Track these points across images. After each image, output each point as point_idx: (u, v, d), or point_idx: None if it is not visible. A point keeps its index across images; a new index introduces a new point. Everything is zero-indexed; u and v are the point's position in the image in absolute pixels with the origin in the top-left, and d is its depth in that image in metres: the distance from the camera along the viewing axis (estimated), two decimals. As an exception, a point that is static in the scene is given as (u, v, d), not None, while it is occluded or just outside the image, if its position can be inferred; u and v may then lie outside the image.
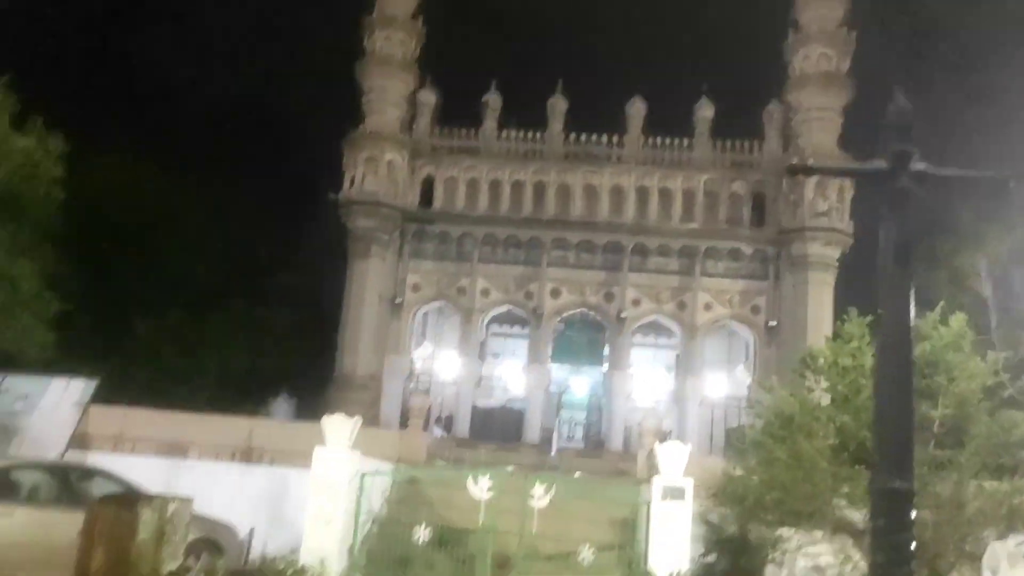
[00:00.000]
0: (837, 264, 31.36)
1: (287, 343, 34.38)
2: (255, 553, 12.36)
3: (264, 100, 42.17)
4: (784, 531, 10.60)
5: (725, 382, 32.02)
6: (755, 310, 32.13)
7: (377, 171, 33.08)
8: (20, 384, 15.43)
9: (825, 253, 31.11)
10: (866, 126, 32.85)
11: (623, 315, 32.24)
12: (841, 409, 11.27)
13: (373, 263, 33.31)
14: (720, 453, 25.06)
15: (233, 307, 33.48)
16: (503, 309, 33.83)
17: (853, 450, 10.82)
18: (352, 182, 33.27)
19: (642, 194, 33.27)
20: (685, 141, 33.90)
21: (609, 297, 32.79)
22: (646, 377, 33.38)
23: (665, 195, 33.25)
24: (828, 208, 31.08)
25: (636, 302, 32.69)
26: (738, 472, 11.42)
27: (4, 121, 21.69)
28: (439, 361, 33.86)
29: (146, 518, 7.22)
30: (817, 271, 30.91)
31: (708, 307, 32.55)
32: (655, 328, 33.96)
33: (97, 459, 13.63)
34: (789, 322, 30.94)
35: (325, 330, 34.38)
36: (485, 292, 33.43)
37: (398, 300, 33.47)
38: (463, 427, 32.21)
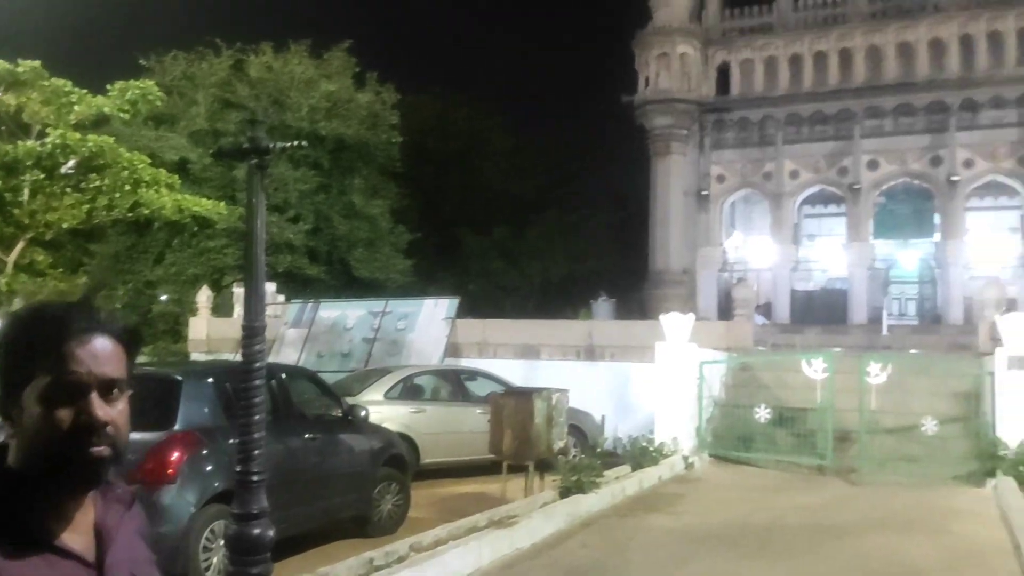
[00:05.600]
0: None
1: (601, 246, 36.35)
2: (608, 436, 14.04)
3: (553, 21, 43.36)
4: None
5: (1085, 240, 28.58)
6: (1121, 155, 28.10)
7: (670, 66, 33.11)
8: (400, 307, 18.49)
9: None
10: None
11: (954, 179, 29.79)
12: None
13: (675, 159, 33.72)
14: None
15: (549, 217, 35.97)
16: (815, 189, 32.76)
17: None
18: (647, 81, 33.63)
19: (966, 43, 30.00)
20: (1016, -27, 29.87)
21: (935, 162, 30.39)
22: (985, 243, 30.75)
23: (995, 40, 29.69)
24: None
25: (968, 163, 29.98)
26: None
27: (348, 82, 25.12)
28: (751, 249, 33.83)
29: (538, 406, 8.91)
30: None
31: (1058, 158, 29.01)
32: (993, 188, 30.95)
33: (468, 363, 16.12)
34: None
35: (635, 229, 35.74)
36: (794, 174, 32.54)
37: (704, 193, 33.70)
38: (783, 313, 32.15)
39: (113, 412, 1.30)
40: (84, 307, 1.33)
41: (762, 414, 12.21)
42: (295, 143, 4.88)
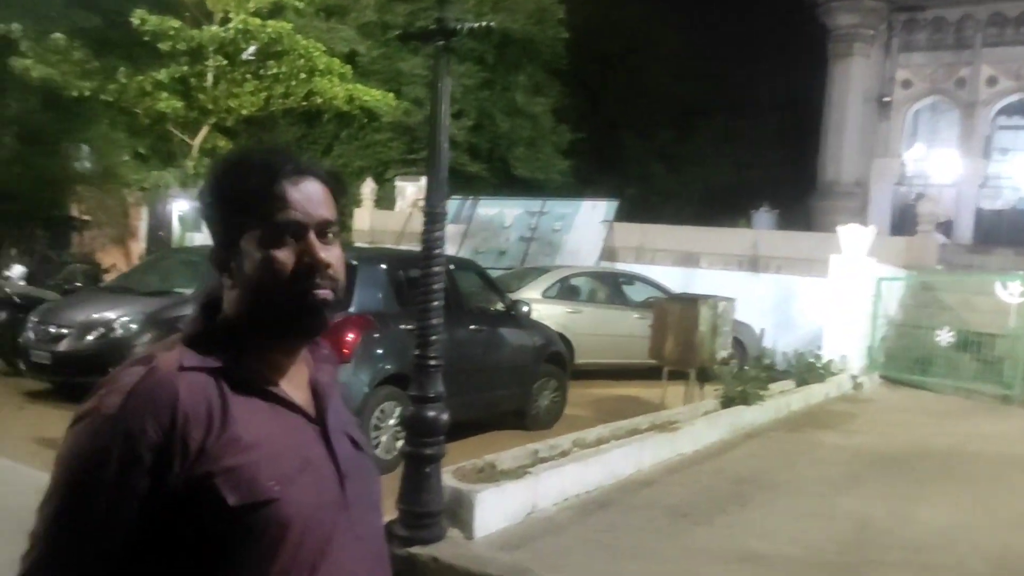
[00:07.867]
0: None
1: (767, 154, 34.61)
2: (767, 350, 13.53)
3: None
4: None
5: None
6: None
7: (859, -41, 30.37)
8: (558, 207, 18.32)
9: None
10: None
11: None
12: None
13: (856, 62, 31.29)
14: None
15: (714, 122, 34.46)
16: (1014, 98, 29.64)
17: None
18: (831, -24, 31.05)
19: None
20: None
21: None
22: None
23: None
24: None
25: None
26: None
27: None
28: (934, 162, 31.28)
29: (704, 313, 8.62)
30: None
31: None
32: None
33: (624, 268, 15.86)
34: None
35: (805, 138, 33.68)
36: (991, 81, 29.53)
37: (886, 99, 31.22)
38: (965, 232, 29.77)
39: (332, 254, 1.25)
40: (287, 152, 1.29)
41: (944, 337, 11.41)
42: (483, 23, 4.67)
